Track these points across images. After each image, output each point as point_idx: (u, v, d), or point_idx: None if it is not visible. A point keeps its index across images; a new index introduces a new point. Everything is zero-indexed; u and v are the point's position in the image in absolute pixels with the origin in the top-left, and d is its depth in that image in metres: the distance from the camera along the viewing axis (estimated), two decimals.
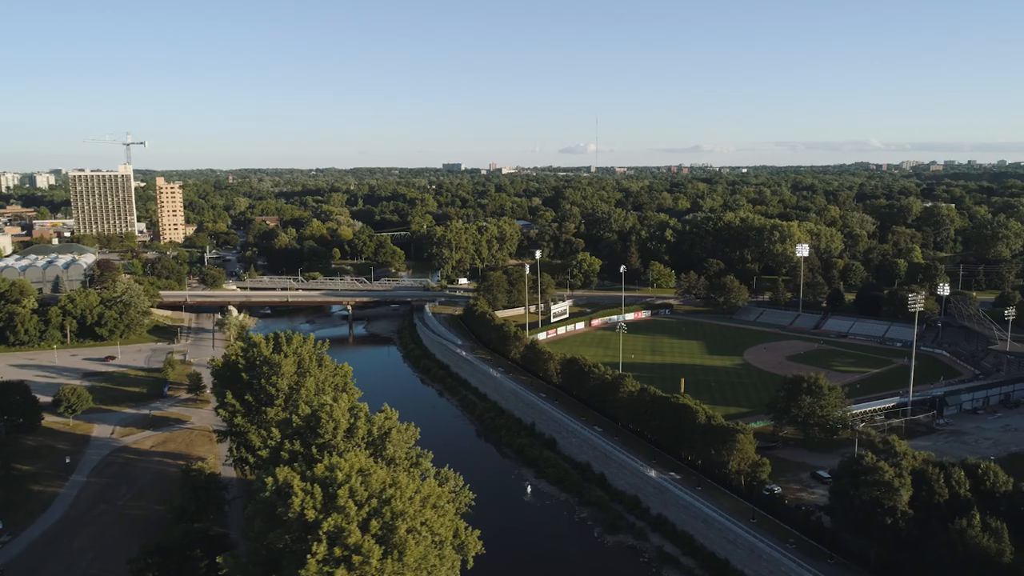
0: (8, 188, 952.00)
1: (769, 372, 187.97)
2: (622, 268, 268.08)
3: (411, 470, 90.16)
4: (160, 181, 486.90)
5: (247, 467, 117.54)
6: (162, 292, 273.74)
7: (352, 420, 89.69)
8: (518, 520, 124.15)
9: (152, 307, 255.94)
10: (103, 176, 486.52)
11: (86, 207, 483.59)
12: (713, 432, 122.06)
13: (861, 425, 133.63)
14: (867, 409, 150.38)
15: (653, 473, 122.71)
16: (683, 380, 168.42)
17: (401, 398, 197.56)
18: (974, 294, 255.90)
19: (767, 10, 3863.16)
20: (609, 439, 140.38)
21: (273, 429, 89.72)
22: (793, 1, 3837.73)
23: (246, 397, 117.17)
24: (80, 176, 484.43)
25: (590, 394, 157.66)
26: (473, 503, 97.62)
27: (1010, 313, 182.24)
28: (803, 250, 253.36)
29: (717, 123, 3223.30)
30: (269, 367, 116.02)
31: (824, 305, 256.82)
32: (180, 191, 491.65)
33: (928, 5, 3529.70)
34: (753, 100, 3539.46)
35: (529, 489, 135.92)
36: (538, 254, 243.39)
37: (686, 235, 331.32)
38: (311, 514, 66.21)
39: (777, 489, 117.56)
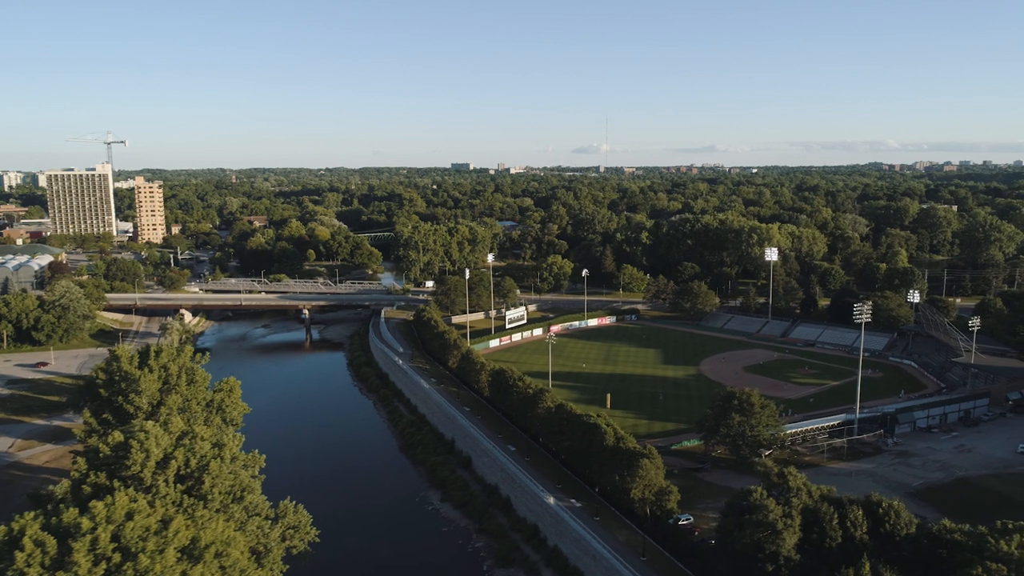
0: (10, 187, 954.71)
1: (721, 384, 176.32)
2: (584, 272, 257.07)
3: (231, 506, 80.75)
4: (139, 181, 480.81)
5: None
6: (111, 295, 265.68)
7: (170, 449, 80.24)
8: (404, 550, 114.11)
9: (98, 310, 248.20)
10: (80, 176, 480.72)
11: (63, 207, 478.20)
12: (619, 455, 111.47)
13: (766, 455, 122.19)
14: (807, 428, 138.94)
15: (551, 500, 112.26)
16: (608, 395, 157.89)
17: (330, 412, 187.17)
18: (957, 300, 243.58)
19: (781, 9, 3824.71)
20: (519, 460, 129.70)
21: (79, 458, 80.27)
22: (807, 1, 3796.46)
23: (104, 415, 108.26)
24: (56, 176, 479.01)
25: (513, 409, 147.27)
26: (317, 539, 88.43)
27: (975, 323, 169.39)
28: (772, 254, 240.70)
29: (731, 123, 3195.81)
30: (127, 383, 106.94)
31: (796, 311, 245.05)
32: (159, 191, 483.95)
33: (943, 4, 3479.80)
34: (768, 100, 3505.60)
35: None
36: (491, 257, 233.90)
37: (663, 237, 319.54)
38: (33, 573, 56.72)
39: (687, 519, 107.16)
